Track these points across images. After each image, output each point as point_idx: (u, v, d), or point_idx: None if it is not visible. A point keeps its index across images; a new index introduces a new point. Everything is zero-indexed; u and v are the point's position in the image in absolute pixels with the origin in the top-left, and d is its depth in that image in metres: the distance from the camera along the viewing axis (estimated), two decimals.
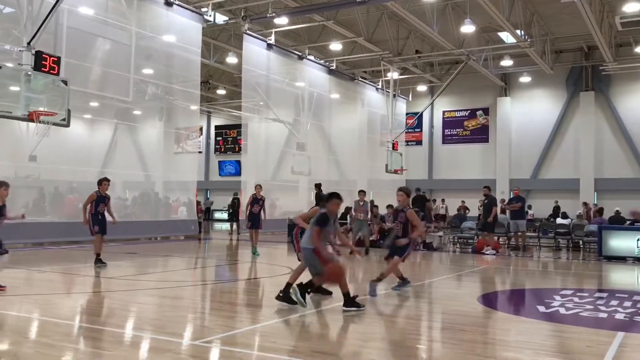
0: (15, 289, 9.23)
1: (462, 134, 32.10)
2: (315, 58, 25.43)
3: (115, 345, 5.77)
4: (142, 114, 31.57)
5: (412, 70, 28.39)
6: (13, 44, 17.11)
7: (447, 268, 14.18)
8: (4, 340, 5.91)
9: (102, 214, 11.86)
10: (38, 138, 23.60)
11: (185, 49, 20.20)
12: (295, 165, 25.34)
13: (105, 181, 12.05)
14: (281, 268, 12.38)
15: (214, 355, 5.43)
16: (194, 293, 9.45)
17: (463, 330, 6.76)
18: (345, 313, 7.27)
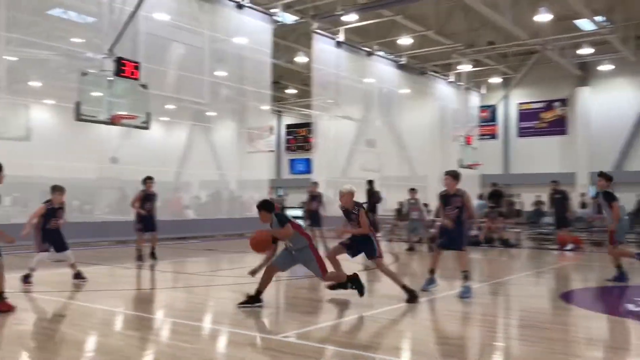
0: (101, 284, 9.72)
1: (539, 127, 30.97)
2: (384, 54, 25.25)
3: (196, 338, 5.96)
4: (216, 115, 32.40)
5: (485, 62, 27.65)
6: (95, 52, 17.99)
7: (525, 265, 13.74)
8: (93, 332, 6.23)
9: (149, 212, 12.41)
10: (120, 141, 24.76)
11: (256, 50, 20.55)
12: (365, 162, 25.25)
13: (149, 180, 12.57)
14: (354, 264, 12.39)
15: (293, 350, 5.50)
16: (270, 289, 9.60)
17: (545, 328, 6.54)
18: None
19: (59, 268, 11.48)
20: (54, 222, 9.53)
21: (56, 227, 9.56)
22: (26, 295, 8.24)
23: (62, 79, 22.92)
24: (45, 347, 5.58)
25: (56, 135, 25.96)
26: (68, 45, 20.95)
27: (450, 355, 5.32)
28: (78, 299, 8.02)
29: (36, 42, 19.89)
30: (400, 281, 8.04)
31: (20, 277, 8.98)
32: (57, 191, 9.76)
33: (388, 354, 5.28)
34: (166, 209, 24.59)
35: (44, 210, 9.55)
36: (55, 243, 9.52)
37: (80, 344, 5.62)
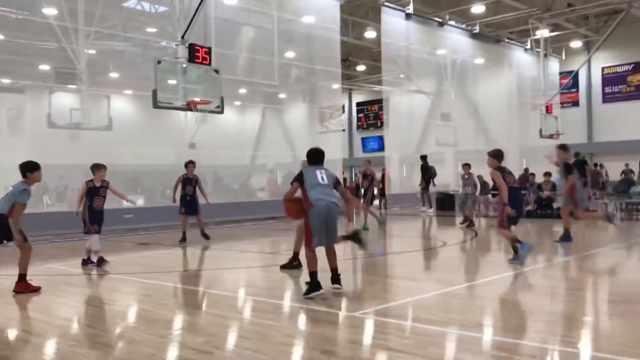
0: (187, 265, 10.04)
1: (626, 91, 29.19)
2: (456, 23, 24.44)
3: (279, 316, 6.05)
4: (287, 96, 32.63)
5: (565, 25, 26.26)
6: (168, 40, 18.47)
7: (615, 237, 13.05)
8: (180, 311, 6.44)
9: (190, 195, 12.57)
10: (196, 126, 25.45)
11: (325, 28, 20.44)
12: (440, 136, 24.74)
13: (191, 164, 12.80)
14: (431, 241, 12.21)
15: (372, 327, 5.47)
16: (347, 267, 9.61)
17: (638, 303, 6.18)
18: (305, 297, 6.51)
19: (142, 251, 11.99)
20: (97, 202, 9.48)
21: (100, 208, 9.53)
22: (114, 278, 8.64)
23: (138, 69, 23.75)
24: (137, 326, 5.82)
25: (136, 124, 27.03)
26: (143, 35, 21.68)
27: (537, 330, 5.12)
28: (158, 279, 8.32)
29: (113, 34, 20.70)
30: None
31: (81, 260, 9.39)
32: (98, 169, 9.60)
33: (471, 330, 5.15)
34: (264, 190, 25.22)
35: (85, 189, 9.46)
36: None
37: (168, 322, 5.82)
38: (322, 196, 6.62)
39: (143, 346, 4.86)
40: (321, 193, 6.64)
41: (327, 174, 6.88)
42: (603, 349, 4.50)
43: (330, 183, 6.80)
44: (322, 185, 6.70)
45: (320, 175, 6.77)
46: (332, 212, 6.63)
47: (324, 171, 6.88)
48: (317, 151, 7.10)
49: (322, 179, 6.74)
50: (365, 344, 4.91)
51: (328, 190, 6.74)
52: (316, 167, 6.90)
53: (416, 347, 4.67)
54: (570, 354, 4.45)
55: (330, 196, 6.70)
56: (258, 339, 5.04)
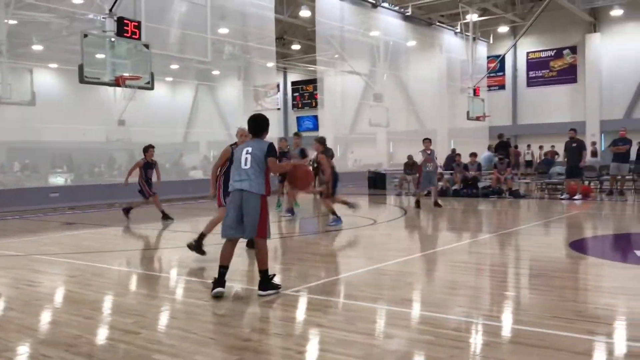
0: (115, 245, 9.83)
1: (548, 76, 30.51)
2: (389, 5, 24.72)
3: (208, 295, 6.04)
4: (221, 73, 32.14)
5: (493, 10, 27.07)
6: (96, 13, 17.74)
7: (535, 215, 13.74)
8: (108, 291, 6.32)
9: (150, 179, 12.87)
10: (125, 102, 24.72)
11: (259, 5, 20.20)
12: (373, 117, 25.10)
13: (151, 148, 12.93)
14: (363, 219, 12.45)
15: (304, 304, 5.56)
16: (279, 245, 9.68)
17: (555, 277, 6.57)
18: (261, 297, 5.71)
19: (67, 230, 11.64)
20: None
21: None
22: (37, 259, 8.35)
23: (64, 42, 22.75)
24: (62, 308, 5.67)
25: (62, 99, 25.97)
26: (68, 7, 20.72)
27: (460, 305, 5.36)
28: (91, 260, 8.11)
29: (36, 4, 19.68)
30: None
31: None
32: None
33: (398, 306, 5.33)
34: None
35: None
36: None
37: (95, 303, 5.70)
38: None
39: (68, 328, 4.75)
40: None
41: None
42: (522, 322, 4.76)
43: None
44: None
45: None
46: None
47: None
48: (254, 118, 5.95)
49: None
50: (297, 321, 4.99)
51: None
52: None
53: (346, 322, 4.79)
54: (492, 327, 4.69)
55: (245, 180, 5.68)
56: (187, 319, 5.02)
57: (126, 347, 4.26)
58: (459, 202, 16.54)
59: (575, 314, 4.89)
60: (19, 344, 4.45)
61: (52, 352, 4.15)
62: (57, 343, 4.36)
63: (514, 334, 4.48)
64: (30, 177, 23.35)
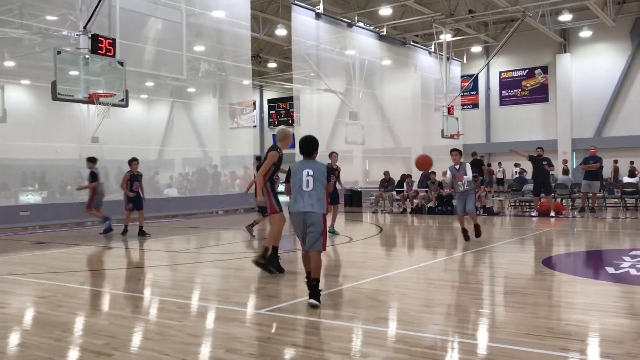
0: (87, 264, 9.66)
1: (521, 95, 31.10)
2: (364, 24, 25.04)
3: (184, 315, 5.97)
4: (197, 91, 32.06)
5: (466, 31, 27.58)
6: (70, 29, 17.61)
7: (508, 232, 13.90)
8: (80, 312, 6.20)
9: (137, 192, 13.24)
10: (99, 120, 24.47)
11: (235, 23, 20.27)
12: (349, 134, 25.24)
13: (135, 161, 13.20)
14: (338, 237, 12.45)
15: (279, 323, 5.52)
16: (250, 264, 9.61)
17: (528, 294, 6.63)
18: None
19: (38, 250, 11.42)
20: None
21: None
22: (5, 279, 8.17)
23: (37, 58, 22.51)
24: (31, 330, 5.55)
25: (34, 116, 25.61)
26: (42, 23, 20.54)
27: (435, 322, 5.38)
28: (62, 280, 7.96)
29: (8, 20, 19.47)
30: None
31: None
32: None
33: (373, 324, 5.33)
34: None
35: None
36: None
37: (66, 324, 5.59)
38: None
39: (38, 351, 4.65)
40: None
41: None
42: (496, 339, 4.79)
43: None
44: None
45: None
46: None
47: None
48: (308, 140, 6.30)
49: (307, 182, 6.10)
50: (271, 341, 4.95)
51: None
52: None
53: (321, 342, 4.78)
54: (466, 345, 4.71)
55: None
56: (160, 339, 4.95)
57: None
58: (433, 220, 16.66)
59: (547, 331, 4.94)
60: None
61: None
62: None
63: (488, 351, 4.50)
64: (0, 195, 22.89)
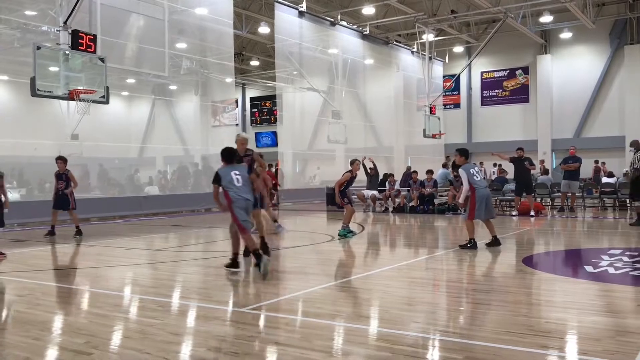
0: (66, 262, 9.55)
1: (502, 95, 31.39)
2: (347, 23, 25.07)
3: (164, 314, 5.92)
4: (178, 88, 31.86)
5: (448, 31, 27.75)
6: (50, 25, 17.38)
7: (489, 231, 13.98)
8: (59, 311, 6.13)
9: (62, 190, 12.52)
10: (79, 116, 24.16)
11: (217, 20, 20.16)
12: (331, 134, 25.28)
13: (59, 160, 12.62)
14: (321, 236, 12.46)
15: (261, 322, 5.51)
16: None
17: (508, 292, 6.69)
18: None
19: (16, 248, 11.26)
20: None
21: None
22: None
23: (15, 54, 22.18)
24: (9, 329, 5.46)
25: (12, 113, 25.25)
26: (21, 18, 20.25)
27: (416, 321, 5.40)
28: (40, 279, 7.86)
29: None
30: None
31: None
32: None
33: (355, 322, 5.34)
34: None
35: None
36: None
37: (45, 323, 5.51)
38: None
39: (16, 350, 4.58)
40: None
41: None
42: (477, 337, 4.82)
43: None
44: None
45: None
46: None
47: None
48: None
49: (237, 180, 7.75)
50: (253, 339, 4.94)
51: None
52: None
53: (303, 340, 4.77)
54: (448, 343, 4.73)
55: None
56: (141, 338, 4.91)
57: None
58: (415, 219, 16.74)
59: (527, 329, 4.99)
60: None
61: None
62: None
63: (469, 349, 4.53)
64: None
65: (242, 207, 7.68)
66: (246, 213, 7.76)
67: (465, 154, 10.31)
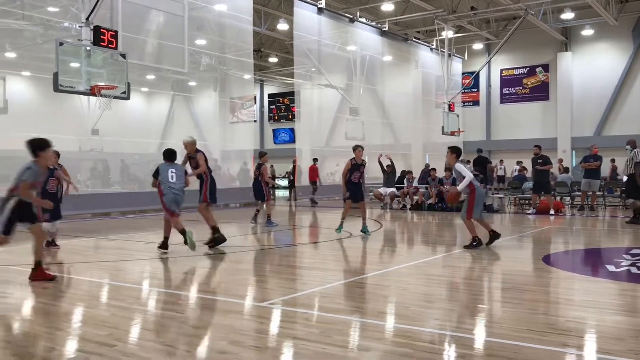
0: (88, 256, 9.69)
1: (521, 93, 31.10)
2: (366, 20, 25.01)
3: (184, 307, 5.99)
4: (198, 84, 32.01)
5: (468, 28, 27.55)
6: (72, 21, 17.57)
7: (508, 230, 13.90)
8: (81, 303, 6.23)
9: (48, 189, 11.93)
10: (100, 112, 24.46)
11: (237, 17, 20.25)
12: (349, 130, 25.24)
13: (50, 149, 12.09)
14: (339, 233, 12.46)
15: (281, 316, 5.55)
16: (255, 257, 9.66)
17: (526, 290, 6.66)
18: None
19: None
20: (52, 182, 9.39)
21: (54, 191, 9.39)
22: (8, 269, 8.19)
23: (38, 50, 22.47)
24: (34, 320, 5.57)
25: (35, 108, 25.57)
26: (44, 15, 20.51)
27: (435, 318, 5.41)
28: (63, 272, 7.99)
29: (11, 11, 19.43)
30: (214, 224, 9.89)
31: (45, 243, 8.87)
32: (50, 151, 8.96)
33: (373, 318, 5.35)
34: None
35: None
36: (52, 209, 8.58)
37: (68, 315, 5.61)
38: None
39: (42, 340, 4.67)
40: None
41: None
42: (497, 334, 4.82)
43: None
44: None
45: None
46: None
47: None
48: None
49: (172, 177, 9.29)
50: (272, 333, 4.98)
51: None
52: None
53: (321, 335, 4.80)
54: (467, 340, 4.73)
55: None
56: (162, 331, 4.98)
57: (101, 359, 4.20)
58: (433, 216, 16.69)
59: (548, 327, 4.97)
60: None
61: None
62: (30, 356, 4.28)
63: (489, 346, 4.53)
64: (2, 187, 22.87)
65: (171, 199, 9.28)
66: (174, 203, 9.35)
67: (457, 152, 10.27)
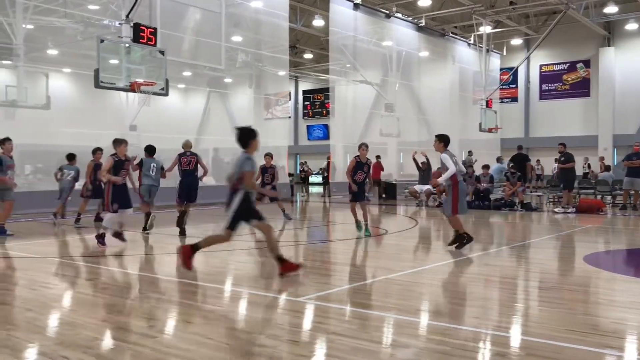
0: (126, 249, 9.88)
1: (561, 89, 30.45)
2: (403, 15, 24.82)
3: (220, 300, 6.07)
4: (233, 81, 32.28)
5: (506, 23, 27.09)
6: (111, 19, 17.92)
7: (547, 228, 13.67)
8: (123, 294, 6.37)
9: (92, 182, 12.96)
10: (138, 108, 24.87)
11: (273, 14, 20.33)
12: (384, 127, 25.13)
13: (99, 151, 12.89)
14: (373, 229, 12.42)
15: (317, 312, 5.57)
16: (290, 253, 9.69)
17: (567, 290, 6.54)
18: None
19: (78, 234, 11.70)
20: (123, 174, 9.40)
21: (123, 182, 9.37)
22: (52, 261, 8.42)
23: (79, 47, 22.98)
24: (77, 310, 5.71)
25: (76, 104, 26.17)
26: (85, 12, 20.94)
27: (473, 316, 5.35)
28: (106, 264, 8.17)
29: (53, 9, 19.92)
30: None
31: (95, 236, 9.39)
32: (121, 143, 9.45)
33: (410, 315, 5.33)
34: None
35: (112, 162, 9.17)
36: (122, 200, 9.14)
37: (111, 306, 5.74)
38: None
39: (85, 330, 4.79)
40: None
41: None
42: (537, 334, 4.74)
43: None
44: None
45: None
46: None
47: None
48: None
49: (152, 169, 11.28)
50: (308, 328, 5.01)
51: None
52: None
53: (357, 330, 4.80)
54: (506, 339, 4.68)
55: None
56: (202, 324, 5.05)
57: (143, 350, 4.28)
58: (470, 214, 16.49)
59: (590, 328, 4.87)
60: (36, 345, 4.49)
61: (70, 354, 4.18)
62: (74, 345, 4.39)
63: (529, 346, 4.46)
64: (42, 180, 23.48)
65: (146, 189, 11.35)
66: (147, 192, 11.38)
67: (445, 141, 9.36)
